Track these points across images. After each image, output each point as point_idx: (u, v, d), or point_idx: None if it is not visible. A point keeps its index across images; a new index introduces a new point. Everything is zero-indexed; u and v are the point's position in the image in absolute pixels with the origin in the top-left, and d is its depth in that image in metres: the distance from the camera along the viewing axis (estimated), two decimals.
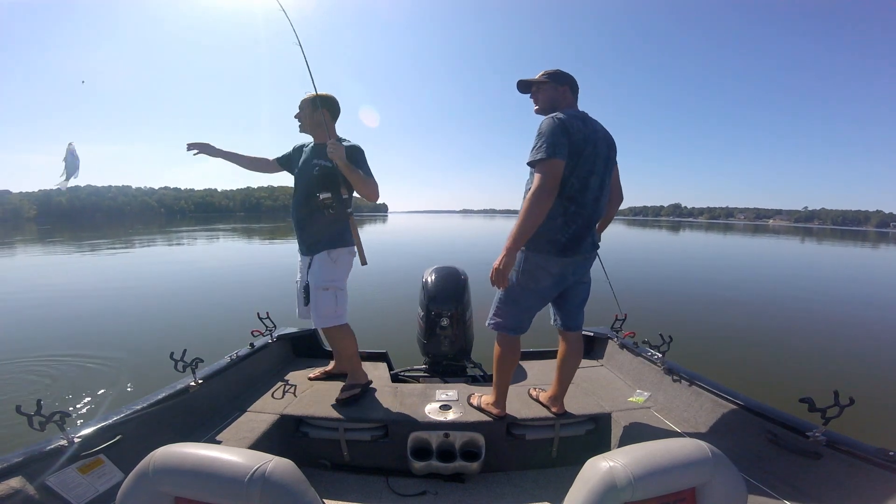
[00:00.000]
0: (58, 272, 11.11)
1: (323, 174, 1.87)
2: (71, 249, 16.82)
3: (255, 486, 0.70)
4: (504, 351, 1.73)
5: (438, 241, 23.00)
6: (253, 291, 7.82)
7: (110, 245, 18.55)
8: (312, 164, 1.91)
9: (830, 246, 28.00)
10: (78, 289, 8.36)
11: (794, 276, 10.75)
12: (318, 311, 1.92)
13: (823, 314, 6.46)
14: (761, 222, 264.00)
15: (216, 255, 15.59)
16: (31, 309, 6.52)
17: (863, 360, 4.36)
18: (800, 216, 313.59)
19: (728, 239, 31.96)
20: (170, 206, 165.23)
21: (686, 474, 0.76)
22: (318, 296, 1.90)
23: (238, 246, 18.86)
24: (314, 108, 1.90)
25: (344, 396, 1.89)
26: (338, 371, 2.18)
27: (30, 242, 20.48)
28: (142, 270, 11.72)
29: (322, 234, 1.93)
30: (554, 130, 1.44)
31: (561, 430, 1.81)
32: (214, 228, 33.79)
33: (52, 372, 3.98)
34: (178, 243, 20.27)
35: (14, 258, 13.69)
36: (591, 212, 1.57)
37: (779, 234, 46.80)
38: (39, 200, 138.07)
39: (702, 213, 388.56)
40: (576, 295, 1.73)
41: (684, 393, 1.84)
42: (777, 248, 22.88)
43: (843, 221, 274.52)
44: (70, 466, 1.22)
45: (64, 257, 13.96)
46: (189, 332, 5.19)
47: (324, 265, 1.93)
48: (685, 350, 4.03)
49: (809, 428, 1.34)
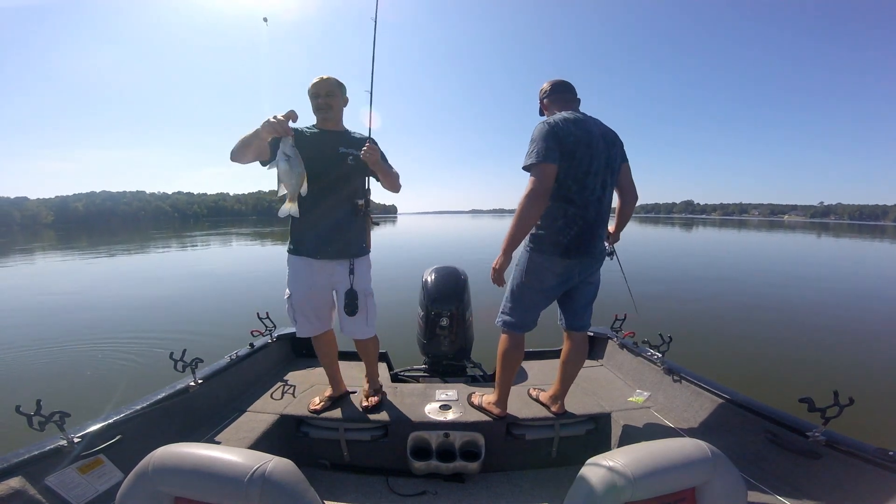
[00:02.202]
0: (65, 275, 11.19)
1: (360, 166, 1.71)
2: (85, 254, 17.03)
3: (254, 486, 0.70)
4: (509, 348, 1.74)
5: (443, 241, 23.02)
6: (253, 291, 7.83)
7: (125, 249, 18.75)
8: (341, 153, 1.71)
9: (841, 241, 27.68)
10: (79, 290, 8.37)
11: (796, 274, 10.74)
12: (369, 320, 1.82)
13: (823, 313, 6.45)
14: (776, 218, 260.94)
15: (222, 256, 15.73)
16: (32, 310, 6.53)
17: (863, 360, 4.36)
18: (815, 211, 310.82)
19: (735, 235, 31.71)
20: (183, 210, 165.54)
21: (686, 474, 0.76)
22: (370, 303, 1.81)
23: (243, 248, 18.92)
24: (343, 92, 1.77)
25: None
26: (338, 394, 1.97)
27: (48, 249, 20.69)
28: (146, 272, 11.75)
29: (363, 235, 1.81)
30: (543, 136, 1.50)
31: (561, 430, 1.81)
32: (227, 232, 33.94)
33: (52, 372, 3.98)
34: (192, 246, 20.50)
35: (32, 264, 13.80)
36: (594, 212, 1.58)
37: (794, 230, 46.32)
38: (56, 206, 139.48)
39: (714, 210, 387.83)
40: (582, 295, 1.73)
41: (684, 393, 1.85)
42: (783, 245, 22.60)
43: (861, 216, 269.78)
44: (70, 466, 1.22)
45: (76, 263, 14.07)
46: (189, 332, 5.19)
47: (367, 270, 1.83)
48: (685, 350, 4.03)
49: (809, 428, 1.34)
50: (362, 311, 1.76)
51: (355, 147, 1.72)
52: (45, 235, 39.98)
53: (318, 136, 1.74)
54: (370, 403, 1.85)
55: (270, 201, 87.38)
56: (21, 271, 12.15)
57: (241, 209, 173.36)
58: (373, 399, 1.88)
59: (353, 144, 1.73)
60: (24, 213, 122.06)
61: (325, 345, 1.92)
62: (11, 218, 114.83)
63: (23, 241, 30.20)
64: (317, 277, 1.76)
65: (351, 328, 1.82)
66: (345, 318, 1.78)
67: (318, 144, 1.70)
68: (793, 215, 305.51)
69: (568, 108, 1.65)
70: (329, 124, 1.77)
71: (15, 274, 11.66)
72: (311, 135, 1.74)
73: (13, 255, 17.17)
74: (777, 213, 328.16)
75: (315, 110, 1.75)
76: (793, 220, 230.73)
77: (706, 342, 4.87)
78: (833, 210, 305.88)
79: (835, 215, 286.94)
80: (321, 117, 1.76)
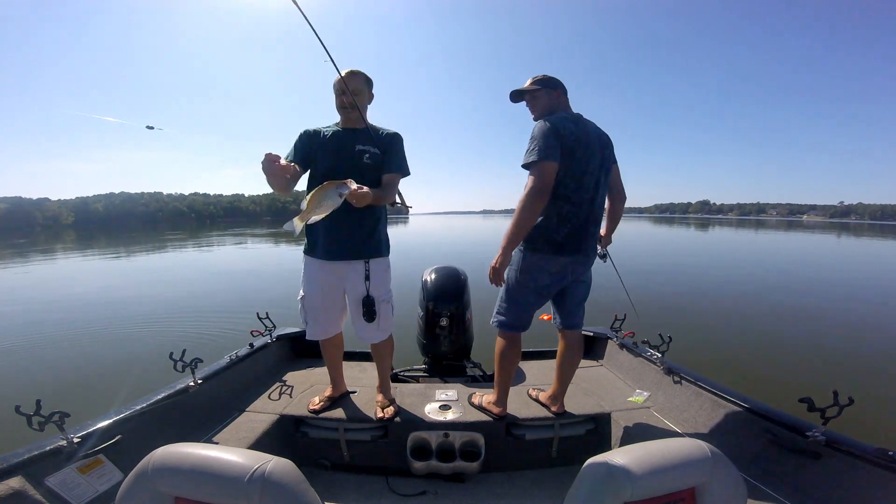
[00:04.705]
0: (73, 276, 11.22)
1: (375, 164, 1.66)
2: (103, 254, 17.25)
3: (254, 486, 0.69)
4: (505, 348, 1.75)
5: (446, 241, 23.02)
6: (253, 291, 7.83)
7: (140, 251, 18.88)
8: (357, 150, 1.65)
9: (858, 241, 27.47)
10: (81, 290, 8.37)
11: (797, 274, 10.74)
12: (381, 325, 1.75)
13: (824, 313, 6.45)
14: (794, 218, 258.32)
15: (230, 257, 15.77)
16: (33, 311, 6.53)
17: (863, 360, 4.36)
18: (836, 211, 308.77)
19: (747, 236, 31.47)
20: (200, 211, 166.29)
21: (686, 474, 0.76)
22: (386, 310, 1.75)
23: (252, 249, 18.97)
24: (369, 88, 1.70)
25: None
26: (338, 394, 1.95)
27: (69, 250, 20.90)
28: (152, 273, 11.75)
29: (379, 235, 1.74)
30: (545, 134, 1.49)
31: (561, 430, 1.82)
32: (242, 233, 34.02)
33: (52, 372, 3.98)
34: (207, 247, 20.63)
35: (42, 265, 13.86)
36: (587, 211, 1.60)
37: (812, 231, 45.69)
38: (77, 207, 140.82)
39: (731, 210, 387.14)
40: (574, 294, 1.74)
41: (684, 393, 1.85)
42: (793, 246, 22.43)
43: (883, 216, 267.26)
44: (70, 466, 1.22)
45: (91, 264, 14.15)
46: (189, 332, 5.19)
47: (385, 272, 1.76)
48: (685, 350, 4.04)
49: (809, 428, 1.34)
50: (380, 316, 1.72)
51: (375, 144, 1.66)
52: (66, 236, 40.25)
53: (336, 136, 1.68)
54: (386, 415, 1.78)
55: (284, 202, 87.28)
56: (30, 272, 12.15)
57: (256, 210, 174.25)
58: (388, 410, 1.80)
59: (372, 142, 1.66)
60: (45, 213, 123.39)
61: (333, 347, 1.89)
62: (33, 218, 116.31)
63: (44, 241, 30.57)
64: (329, 280, 1.72)
65: (364, 333, 1.78)
66: (359, 323, 1.74)
67: (335, 145, 1.66)
68: (812, 215, 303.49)
69: (567, 108, 1.66)
70: (351, 123, 1.70)
71: (18, 274, 11.67)
72: (330, 135, 1.69)
73: (33, 256, 17.34)
74: (796, 213, 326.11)
75: (339, 108, 1.68)
76: (812, 220, 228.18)
77: (706, 342, 4.87)
78: (854, 210, 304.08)
79: (855, 215, 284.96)
80: (345, 116, 1.69)
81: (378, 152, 1.66)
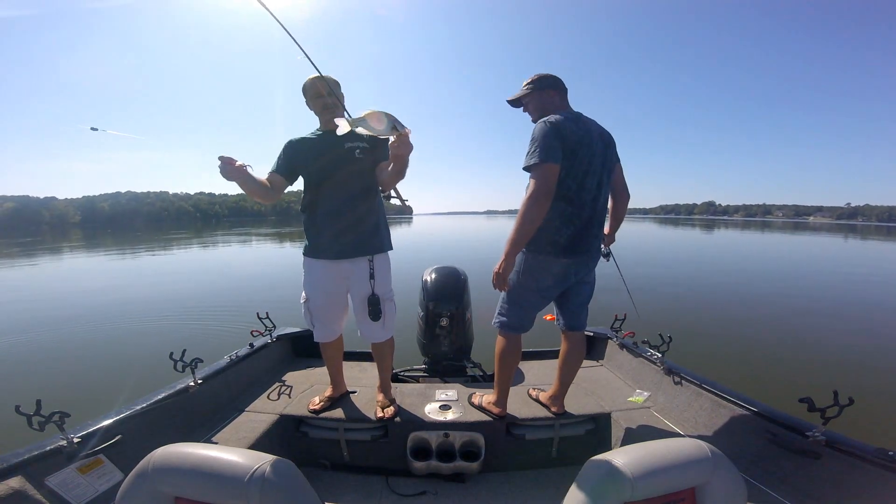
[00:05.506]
0: (75, 275, 11.25)
1: (367, 158, 1.65)
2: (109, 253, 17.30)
3: (254, 486, 0.69)
4: (506, 348, 1.74)
5: (448, 241, 23.01)
6: (253, 291, 7.84)
7: (144, 249, 18.91)
8: (347, 147, 1.63)
9: (863, 243, 27.35)
10: (81, 290, 8.39)
11: (797, 274, 10.73)
12: (386, 324, 1.73)
13: (823, 313, 6.44)
14: (801, 219, 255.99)
15: (232, 256, 15.80)
16: (33, 310, 6.54)
17: (862, 360, 4.35)
18: (842, 213, 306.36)
19: (751, 237, 31.37)
20: (205, 210, 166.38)
21: (686, 474, 0.76)
22: (390, 308, 1.74)
23: (256, 249, 19.02)
24: (339, 88, 1.71)
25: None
26: (338, 394, 1.95)
27: (75, 248, 21.04)
28: (152, 272, 11.77)
29: (381, 230, 1.72)
30: (546, 135, 1.47)
31: (561, 430, 1.81)
32: (247, 233, 34.11)
33: (53, 371, 3.99)
34: (211, 246, 20.74)
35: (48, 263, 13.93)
36: (590, 212, 1.58)
37: (817, 232, 45.33)
38: (83, 206, 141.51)
39: (737, 211, 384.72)
40: (578, 295, 1.73)
41: (684, 393, 1.84)
42: (795, 247, 22.41)
43: (890, 217, 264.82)
44: (70, 466, 1.23)
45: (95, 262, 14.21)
46: (189, 331, 5.20)
47: (387, 270, 1.74)
48: (685, 350, 4.03)
49: (809, 428, 1.34)
50: (385, 315, 1.71)
51: (362, 139, 1.63)
52: (73, 235, 40.42)
53: (324, 137, 1.68)
54: (386, 415, 1.78)
55: (289, 202, 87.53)
56: (33, 272, 12.18)
57: (261, 209, 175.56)
58: (388, 410, 1.80)
59: (360, 137, 1.60)
60: (52, 212, 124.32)
61: (334, 348, 1.89)
62: (41, 217, 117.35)
63: (51, 239, 30.71)
64: (333, 280, 1.71)
65: (368, 332, 1.77)
66: (364, 322, 1.73)
67: (323, 147, 1.65)
68: (818, 216, 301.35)
69: (565, 107, 1.64)
70: (330, 125, 1.65)
71: (22, 273, 11.69)
72: (317, 138, 1.69)
73: (40, 254, 17.41)
74: (802, 215, 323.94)
75: (322, 110, 1.67)
76: (818, 221, 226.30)
77: (706, 342, 4.87)
78: (860, 211, 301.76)
79: (862, 217, 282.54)
80: (329, 117, 1.66)
81: (367, 146, 1.66)
